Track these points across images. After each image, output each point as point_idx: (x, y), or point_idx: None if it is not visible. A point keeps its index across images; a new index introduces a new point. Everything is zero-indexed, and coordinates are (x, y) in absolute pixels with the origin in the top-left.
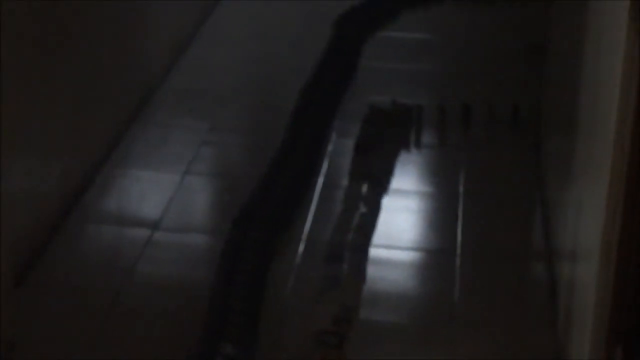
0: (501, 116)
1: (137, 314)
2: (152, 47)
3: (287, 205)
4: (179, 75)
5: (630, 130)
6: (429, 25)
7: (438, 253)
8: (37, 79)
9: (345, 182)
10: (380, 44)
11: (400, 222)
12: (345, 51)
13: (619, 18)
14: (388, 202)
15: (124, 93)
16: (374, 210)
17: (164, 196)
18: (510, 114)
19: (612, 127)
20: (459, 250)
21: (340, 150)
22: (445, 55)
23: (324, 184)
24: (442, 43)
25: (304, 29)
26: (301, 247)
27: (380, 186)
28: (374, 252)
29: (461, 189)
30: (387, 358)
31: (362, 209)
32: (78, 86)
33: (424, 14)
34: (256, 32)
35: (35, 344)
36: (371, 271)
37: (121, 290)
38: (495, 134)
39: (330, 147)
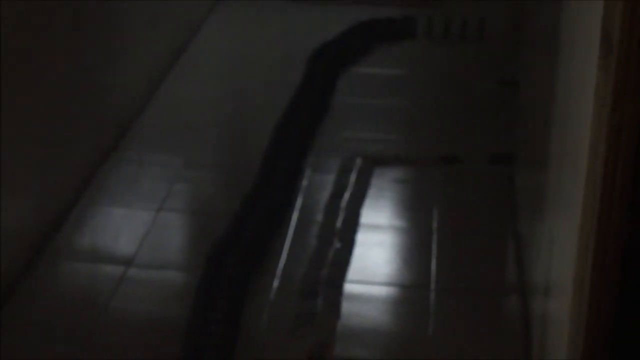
0: (474, 151)
1: (111, 352)
2: (126, 82)
3: (261, 240)
4: (154, 110)
5: (602, 166)
6: (402, 60)
7: (412, 288)
8: (7, 115)
9: (319, 217)
10: (354, 79)
11: (375, 257)
12: (319, 86)
13: (589, 55)
14: (362, 237)
15: (97, 129)
16: (349, 245)
17: (138, 233)
18: (486, 154)
19: (583, 163)
20: (433, 285)
21: (314, 185)
22: (418, 91)
23: (299, 219)
24: (415, 79)
25: (279, 64)
26: (275, 283)
27: (354, 221)
28: (348, 287)
29: (435, 223)
30: None
31: (337, 244)
32: (51, 122)
33: (397, 50)
34: (231, 67)
35: None
36: (346, 307)
37: (94, 328)
38: (469, 167)
39: (304, 182)
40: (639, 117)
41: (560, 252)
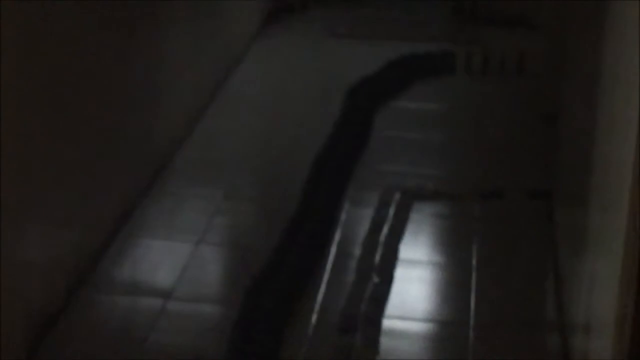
0: (514, 186)
1: None
2: (166, 116)
3: (300, 275)
4: (194, 143)
5: None
6: (441, 95)
7: (451, 325)
8: (53, 149)
9: (358, 251)
10: (393, 113)
11: (414, 293)
12: (357, 120)
13: (632, 91)
14: (401, 273)
15: (138, 162)
16: (387, 280)
17: (177, 266)
18: (525, 191)
19: (626, 201)
20: (472, 322)
21: (353, 219)
22: (457, 125)
23: (337, 253)
24: (454, 113)
25: (318, 98)
26: (314, 318)
27: (393, 256)
28: (387, 323)
29: (474, 259)
30: None
31: (375, 279)
32: (93, 156)
33: (436, 85)
34: (270, 100)
35: None
36: (384, 343)
37: (138, 354)
38: (509, 203)
39: (343, 216)
40: None
41: (602, 290)
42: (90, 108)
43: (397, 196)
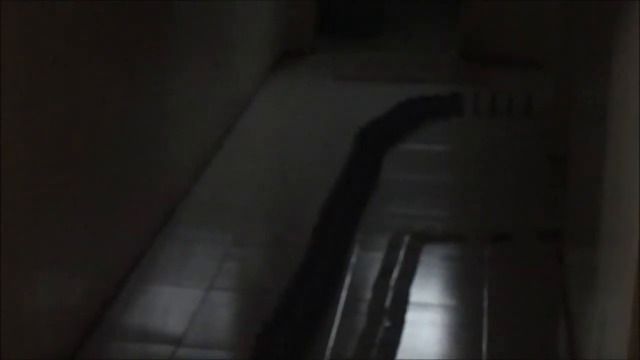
0: (523, 228)
1: None
2: (175, 160)
3: (310, 319)
4: (203, 187)
5: None
6: (449, 137)
7: None
8: (63, 198)
9: (368, 295)
10: (401, 155)
11: (425, 337)
12: (366, 163)
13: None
14: (412, 316)
15: (147, 207)
16: (398, 324)
17: (187, 312)
18: (535, 232)
19: (636, 242)
20: None
21: (363, 262)
22: (465, 167)
23: (347, 297)
24: (463, 155)
25: (326, 141)
26: None
27: (404, 300)
28: None
29: (485, 302)
30: None
31: (386, 323)
32: (102, 201)
33: (444, 126)
34: (279, 144)
35: None
36: None
37: None
38: (519, 245)
39: (353, 260)
40: None
41: (613, 331)
42: (100, 157)
43: (406, 239)
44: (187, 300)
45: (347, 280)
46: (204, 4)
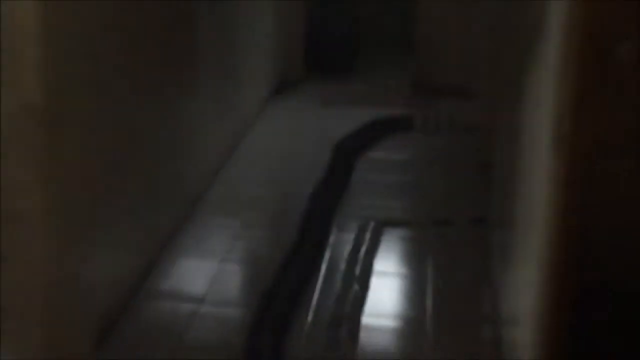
0: (459, 216)
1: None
2: (199, 165)
3: (299, 284)
4: (219, 185)
5: (555, 230)
6: (404, 148)
7: (413, 320)
8: (112, 190)
9: (343, 266)
10: (368, 161)
11: (385, 297)
12: (341, 167)
13: (542, 149)
14: (375, 282)
15: (178, 200)
16: (365, 288)
17: (207, 278)
18: (468, 218)
19: (542, 227)
20: (428, 319)
21: (338, 241)
22: (416, 171)
23: (327, 268)
24: (414, 161)
25: (312, 151)
26: (310, 317)
27: (369, 270)
28: (365, 320)
29: (429, 271)
30: None
31: (356, 287)
32: (144, 195)
33: (400, 140)
34: (276, 153)
35: None
36: (363, 336)
37: (175, 351)
38: (456, 228)
39: (331, 239)
40: (580, 193)
41: (524, 292)
42: (142, 161)
43: (371, 224)
44: (206, 269)
45: (327, 255)
46: (219, 48)
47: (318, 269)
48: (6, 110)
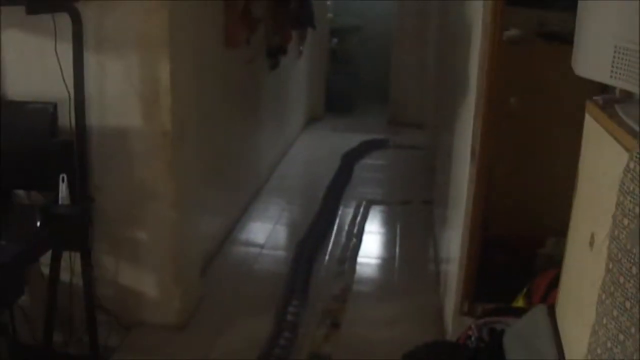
0: (416, 198)
1: (253, 288)
2: (263, 166)
3: (320, 238)
4: (273, 178)
5: (471, 206)
6: (383, 157)
7: (387, 259)
8: (212, 175)
9: (346, 227)
10: (362, 165)
11: (371, 246)
12: (347, 168)
13: (465, 160)
14: (366, 237)
15: (250, 186)
16: (360, 240)
17: (266, 233)
18: (421, 200)
19: (463, 204)
20: (397, 258)
21: (344, 213)
22: (390, 171)
23: (337, 228)
24: (389, 165)
25: (328, 159)
26: (326, 257)
27: (362, 229)
28: (359, 260)
29: (398, 230)
30: (368, 310)
31: (354, 240)
32: (230, 184)
33: (380, 152)
34: (308, 160)
35: (212, 306)
36: (358, 269)
37: (246, 278)
38: (413, 206)
39: (339, 212)
40: (484, 185)
41: (453, 244)
42: (230, 164)
43: (364, 203)
44: (266, 228)
45: (337, 221)
46: (275, 96)
47: (331, 229)
48: (150, 134)
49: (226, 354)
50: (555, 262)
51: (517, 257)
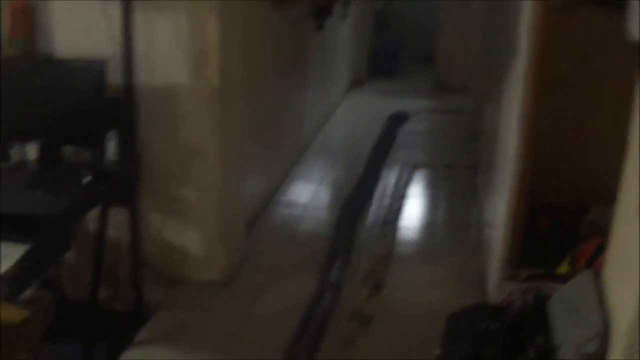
0: (459, 163)
1: (299, 243)
2: (308, 127)
3: (363, 200)
4: (317, 140)
5: (518, 171)
6: (425, 122)
7: (430, 224)
8: (258, 140)
9: (390, 189)
10: (404, 130)
11: (413, 209)
12: (390, 132)
13: (512, 118)
14: (409, 200)
15: (295, 147)
16: (402, 203)
17: (310, 193)
18: (464, 165)
19: (510, 169)
20: (439, 223)
21: (387, 175)
22: (432, 135)
23: (380, 191)
24: (431, 130)
25: (372, 121)
26: (369, 219)
27: (405, 192)
28: (403, 222)
29: (442, 194)
30: (410, 272)
31: (397, 202)
32: (275, 144)
33: (422, 118)
34: (352, 122)
35: (255, 265)
36: (401, 231)
37: (291, 235)
38: (457, 170)
39: (383, 174)
40: (533, 149)
41: (498, 209)
42: (276, 123)
43: (407, 166)
44: (310, 189)
45: (380, 183)
46: (320, 58)
47: (375, 191)
48: (198, 92)
49: (268, 312)
50: (601, 230)
51: (562, 224)
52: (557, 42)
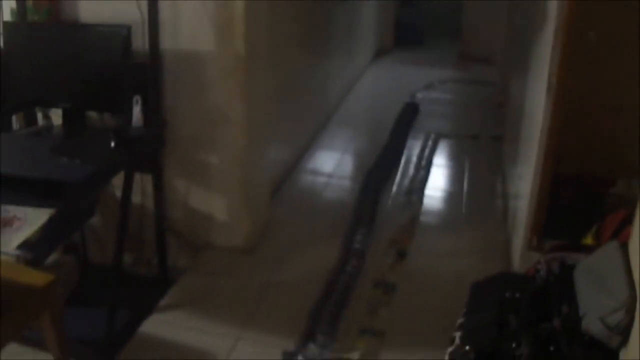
0: (485, 133)
1: (324, 210)
2: (332, 96)
3: (388, 169)
4: (341, 110)
5: (545, 143)
6: (450, 92)
7: (455, 193)
8: (283, 109)
9: (414, 159)
10: (428, 99)
11: (438, 178)
12: (413, 105)
13: (540, 91)
14: (434, 169)
15: (319, 117)
16: (427, 172)
17: (334, 162)
18: (489, 135)
19: (537, 141)
20: (465, 192)
21: (412, 145)
22: (459, 105)
23: (405, 160)
24: (456, 100)
25: (397, 92)
26: (394, 188)
27: (430, 161)
28: (427, 191)
29: (466, 164)
30: (434, 241)
31: (422, 171)
32: (300, 112)
33: (447, 87)
34: (376, 93)
35: (279, 232)
36: (425, 201)
37: (316, 202)
38: (482, 141)
39: (407, 144)
40: (560, 120)
41: (524, 179)
42: (300, 92)
43: (432, 135)
44: (334, 157)
45: (405, 153)
46: (344, 29)
47: (399, 160)
48: (224, 59)
49: (292, 278)
50: (627, 202)
51: (588, 196)
52: (585, 11)
